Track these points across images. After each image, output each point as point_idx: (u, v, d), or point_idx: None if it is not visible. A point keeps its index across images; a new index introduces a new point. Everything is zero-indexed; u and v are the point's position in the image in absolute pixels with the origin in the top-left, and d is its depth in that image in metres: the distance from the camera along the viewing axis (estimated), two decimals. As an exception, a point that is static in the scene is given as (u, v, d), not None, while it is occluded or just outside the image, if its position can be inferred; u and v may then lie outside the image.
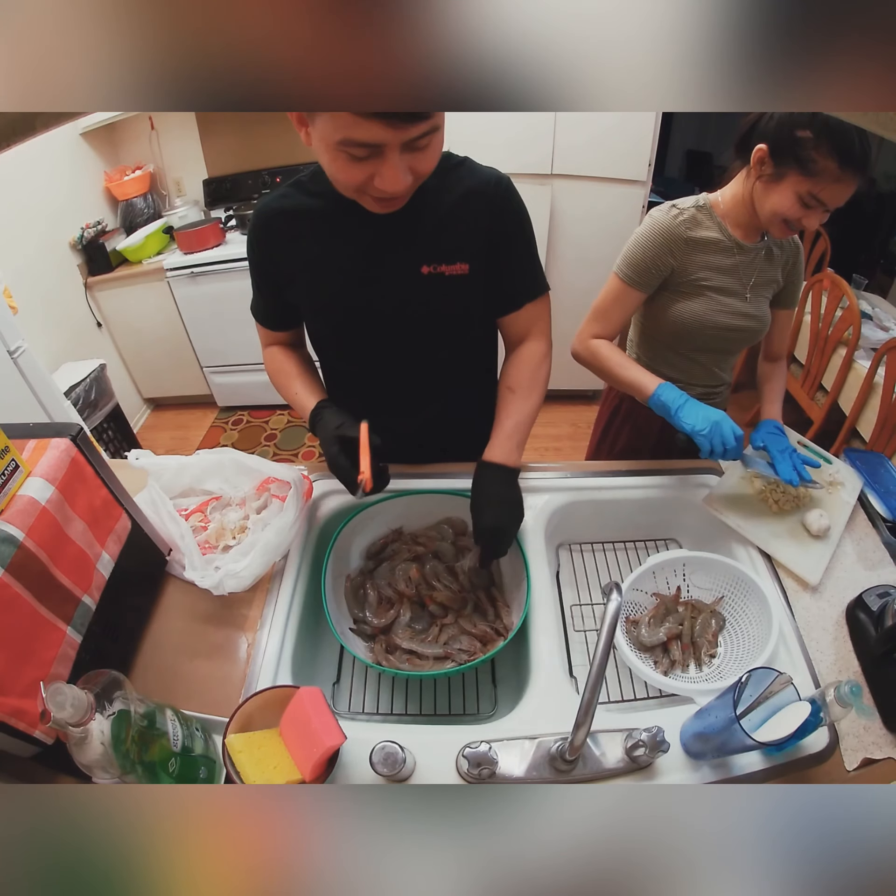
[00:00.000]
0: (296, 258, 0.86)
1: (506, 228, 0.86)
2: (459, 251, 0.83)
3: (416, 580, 0.90)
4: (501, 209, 0.84)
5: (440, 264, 0.83)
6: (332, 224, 0.83)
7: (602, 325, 1.10)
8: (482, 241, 0.84)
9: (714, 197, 1.02)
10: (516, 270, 0.90)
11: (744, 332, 1.07)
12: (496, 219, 0.84)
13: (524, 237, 0.89)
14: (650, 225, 1.02)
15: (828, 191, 0.86)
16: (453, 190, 0.82)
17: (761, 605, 0.82)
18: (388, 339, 0.90)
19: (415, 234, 0.82)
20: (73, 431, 0.67)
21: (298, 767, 0.61)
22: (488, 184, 0.83)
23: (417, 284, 0.84)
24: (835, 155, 0.82)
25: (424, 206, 0.80)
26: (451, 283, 0.84)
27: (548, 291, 0.94)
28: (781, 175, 0.89)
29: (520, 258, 0.90)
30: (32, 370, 1.76)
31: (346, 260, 0.84)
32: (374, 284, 0.84)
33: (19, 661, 0.56)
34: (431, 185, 0.76)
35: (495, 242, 0.85)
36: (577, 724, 0.57)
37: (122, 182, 2.64)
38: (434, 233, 0.82)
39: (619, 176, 2.23)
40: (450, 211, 0.82)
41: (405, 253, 0.83)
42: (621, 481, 1.02)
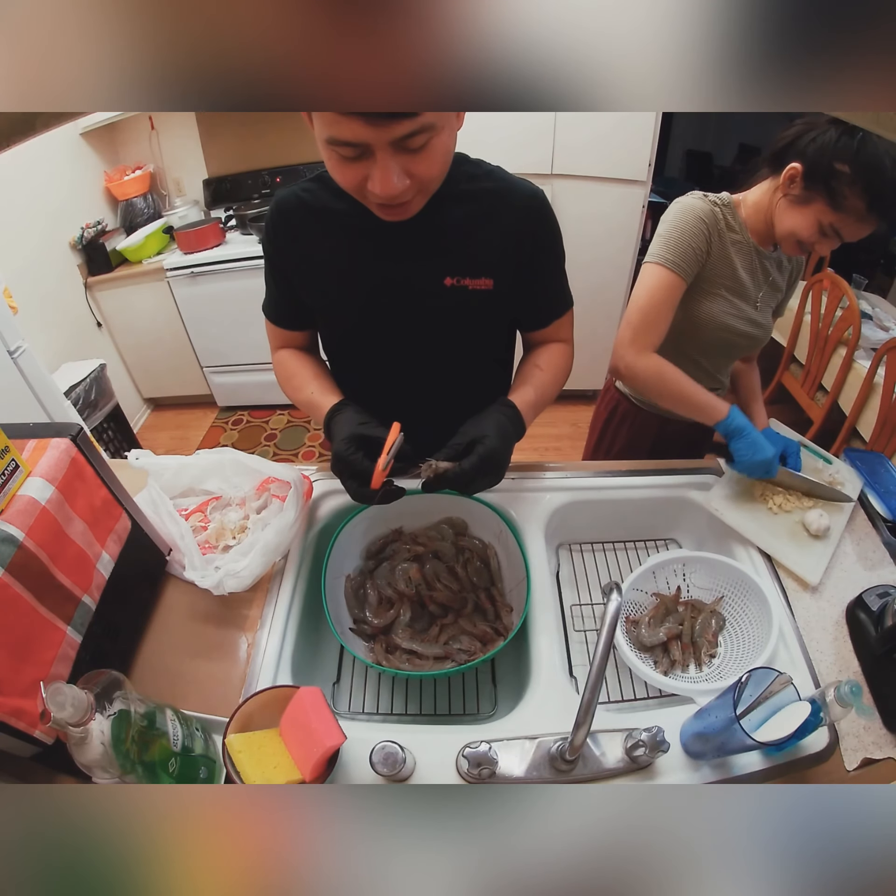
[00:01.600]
0: (313, 257, 0.82)
1: (540, 245, 0.82)
2: (485, 265, 0.80)
3: (416, 580, 0.90)
4: (536, 226, 0.81)
5: (464, 277, 0.80)
6: (354, 226, 0.79)
7: (655, 331, 0.98)
8: (511, 257, 0.81)
9: (737, 198, 1.00)
10: (547, 289, 0.88)
11: (750, 339, 1.07)
12: (529, 236, 0.80)
13: (556, 254, 0.86)
14: (688, 209, 0.97)
15: (849, 228, 0.86)
16: (483, 200, 0.79)
17: (761, 605, 0.82)
18: (405, 349, 0.88)
19: (439, 243, 0.79)
20: (73, 431, 0.67)
21: (298, 767, 0.61)
22: (523, 198, 0.80)
23: (440, 296, 0.81)
24: (866, 196, 0.81)
25: (451, 214, 0.77)
26: (474, 297, 0.81)
27: (573, 305, 0.91)
28: (809, 199, 0.88)
29: (551, 276, 0.87)
30: (32, 370, 1.76)
31: (367, 265, 0.81)
32: (394, 293, 0.81)
33: (19, 661, 0.56)
34: (458, 193, 0.74)
35: (526, 260, 0.82)
36: (577, 724, 0.57)
37: (122, 182, 2.64)
38: (460, 244, 0.79)
39: (619, 176, 2.23)
40: (478, 222, 0.79)
41: (428, 263, 0.80)
42: (621, 481, 1.02)
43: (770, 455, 0.93)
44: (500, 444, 0.73)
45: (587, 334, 2.69)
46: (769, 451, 0.93)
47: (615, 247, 2.39)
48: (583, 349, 3.28)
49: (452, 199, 0.74)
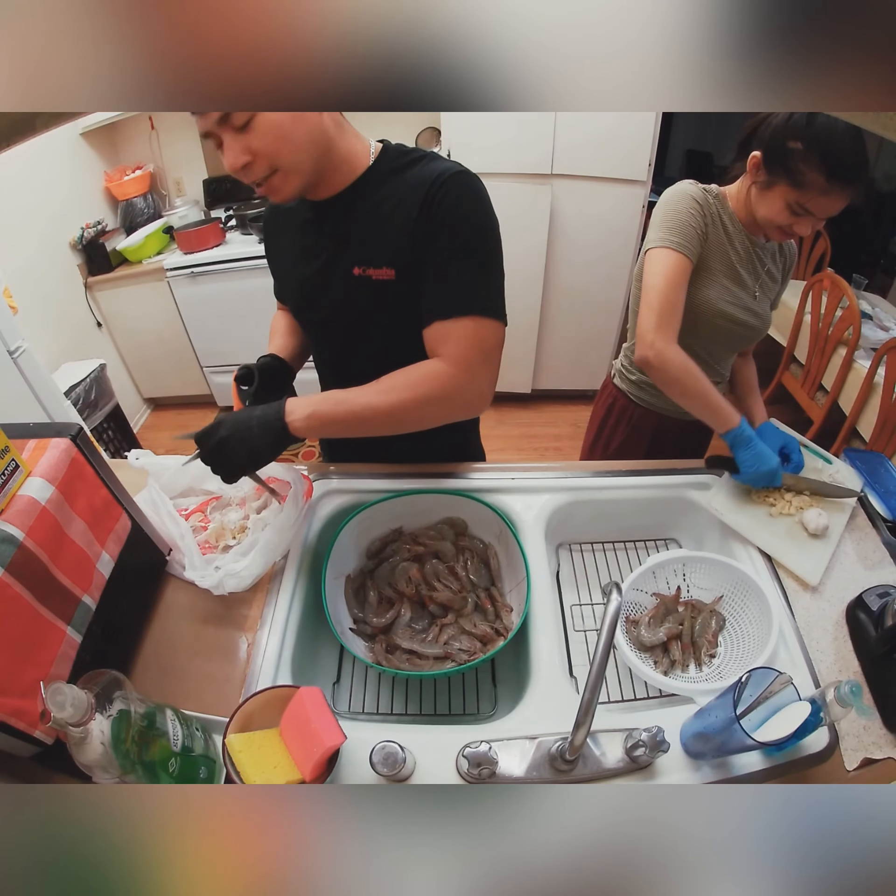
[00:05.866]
0: (274, 252, 0.95)
1: (430, 229, 0.74)
2: (386, 254, 0.77)
3: (417, 580, 0.90)
4: (430, 207, 0.73)
5: (369, 267, 0.78)
6: (289, 221, 0.87)
7: (676, 314, 0.95)
8: (409, 245, 0.75)
9: (724, 190, 1.02)
10: (436, 280, 0.76)
11: (749, 329, 1.07)
12: (423, 218, 0.73)
13: (456, 241, 0.74)
14: (680, 193, 0.97)
15: (815, 202, 0.86)
16: (397, 187, 0.76)
17: (761, 605, 0.82)
18: (331, 338, 0.92)
19: (350, 233, 0.79)
20: (73, 431, 0.67)
21: (298, 767, 0.61)
22: (428, 179, 0.72)
23: (350, 286, 0.81)
24: (823, 168, 0.82)
25: (363, 203, 0.77)
26: (378, 287, 0.79)
27: (485, 317, 0.76)
28: (772, 183, 0.90)
29: (442, 266, 0.75)
30: (32, 370, 1.76)
31: (295, 257, 0.87)
32: (314, 283, 0.86)
33: (19, 661, 0.56)
34: (376, 180, 0.74)
35: (419, 245, 0.75)
36: (577, 724, 0.57)
37: (122, 182, 2.64)
38: (365, 233, 0.78)
39: (619, 176, 2.23)
40: (385, 210, 0.76)
41: (340, 253, 0.81)
42: (621, 481, 1.02)
43: (774, 465, 0.92)
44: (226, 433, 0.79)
45: (587, 334, 2.71)
46: (773, 461, 0.93)
47: (615, 247, 2.39)
48: (583, 349, 3.29)
49: (368, 186, 0.75)
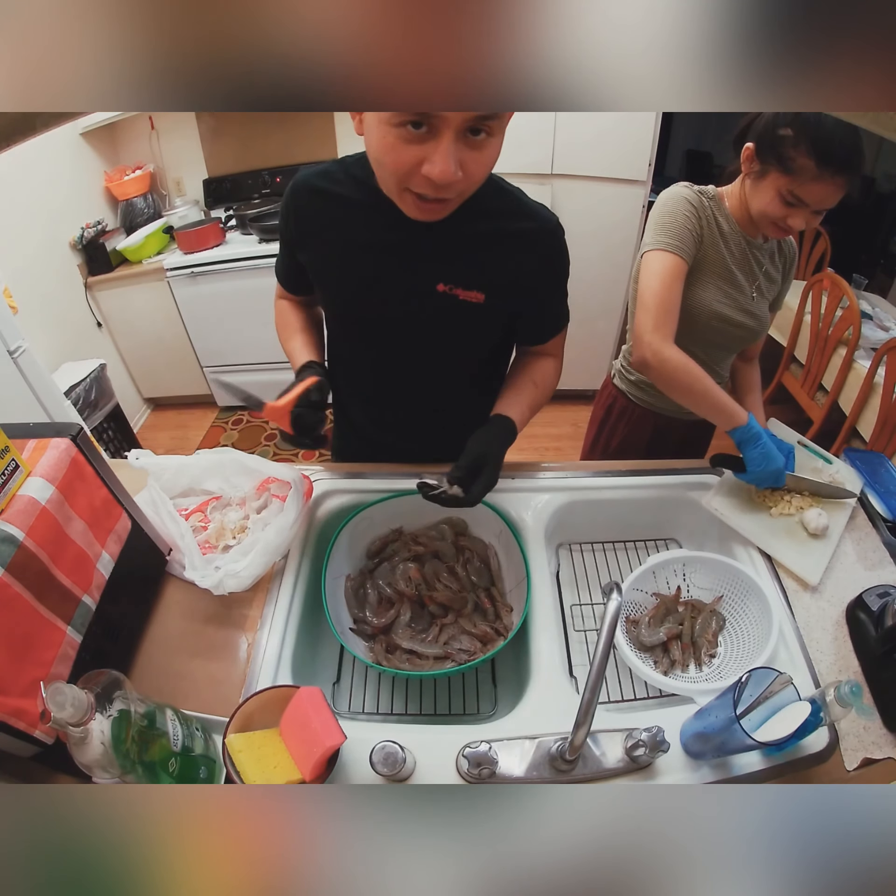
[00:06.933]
0: (320, 242, 0.84)
1: (551, 274, 0.86)
2: (479, 279, 0.81)
3: (416, 580, 0.90)
4: (550, 258, 0.84)
5: (456, 286, 0.81)
6: (362, 218, 0.80)
7: (672, 316, 0.97)
8: (513, 279, 0.82)
9: (721, 191, 1.02)
10: (552, 310, 0.91)
11: (746, 330, 1.07)
12: (542, 265, 0.84)
13: (563, 279, 0.89)
14: (675, 196, 0.98)
15: (807, 189, 0.86)
16: (493, 217, 0.80)
17: (761, 605, 0.82)
18: (392, 346, 0.90)
19: (439, 249, 0.80)
20: (73, 431, 0.67)
21: (298, 767, 0.61)
22: (540, 230, 0.82)
23: (430, 300, 0.82)
24: (813, 154, 0.82)
25: (457, 224, 0.77)
26: (463, 307, 0.82)
27: (569, 320, 0.94)
28: (765, 173, 0.90)
29: (556, 299, 0.90)
30: (32, 370, 1.76)
31: (367, 258, 0.82)
32: (387, 290, 0.83)
33: (19, 661, 0.56)
34: (470, 206, 0.74)
35: (533, 286, 0.85)
36: (577, 724, 0.57)
37: (122, 182, 2.63)
38: (458, 253, 0.80)
39: (619, 176, 2.23)
40: (482, 236, 0.80)
41: (425, 265, 0.81)
42: (621, 481, 1.02)
43: (781, 464, 0.92)
44: (498, 469, 0.81)
45: (587, 334, 2.70)
46: (780, 461, 0.93)
47: (615, 247, 2.38)
48: (583, 349, 3.28)
49: (462, 209, 0.74)
